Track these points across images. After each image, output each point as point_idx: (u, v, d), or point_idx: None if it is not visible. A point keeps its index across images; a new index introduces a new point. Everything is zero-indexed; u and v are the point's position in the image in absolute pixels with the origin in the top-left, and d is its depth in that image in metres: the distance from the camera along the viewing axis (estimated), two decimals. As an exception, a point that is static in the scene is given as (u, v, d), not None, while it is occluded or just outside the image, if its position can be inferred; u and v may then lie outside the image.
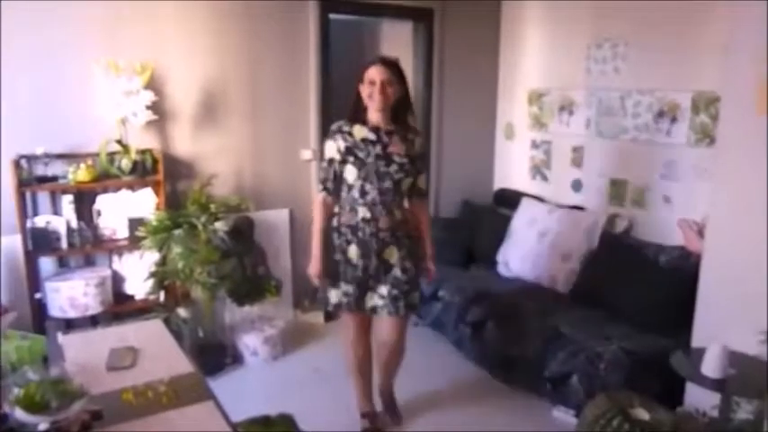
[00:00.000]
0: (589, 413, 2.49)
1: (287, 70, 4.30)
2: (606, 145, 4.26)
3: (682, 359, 2.70)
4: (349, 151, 2.81)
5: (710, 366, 2.49)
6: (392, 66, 2.81)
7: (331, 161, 2.85)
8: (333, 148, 2.84)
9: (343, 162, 2.82)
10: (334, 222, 2.91)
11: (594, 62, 4.29)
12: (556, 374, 3.29)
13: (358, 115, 2.86)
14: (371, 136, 2.82)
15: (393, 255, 2.89)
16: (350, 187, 2.84)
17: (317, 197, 2.95)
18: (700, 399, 2.87)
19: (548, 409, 3.38)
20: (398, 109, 2.87)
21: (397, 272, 2.90)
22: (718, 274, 2.92)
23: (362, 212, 2.82)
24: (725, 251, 2.89)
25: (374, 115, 2.83)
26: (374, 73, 2.76)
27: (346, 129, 2.84)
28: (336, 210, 2.92)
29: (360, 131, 2.83)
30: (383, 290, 2.90)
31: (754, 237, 2.73)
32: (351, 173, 2.82)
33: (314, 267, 2.92)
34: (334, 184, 2.88)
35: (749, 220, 2.76)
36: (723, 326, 2.83)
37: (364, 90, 2.79)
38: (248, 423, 2.46)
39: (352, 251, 2.86)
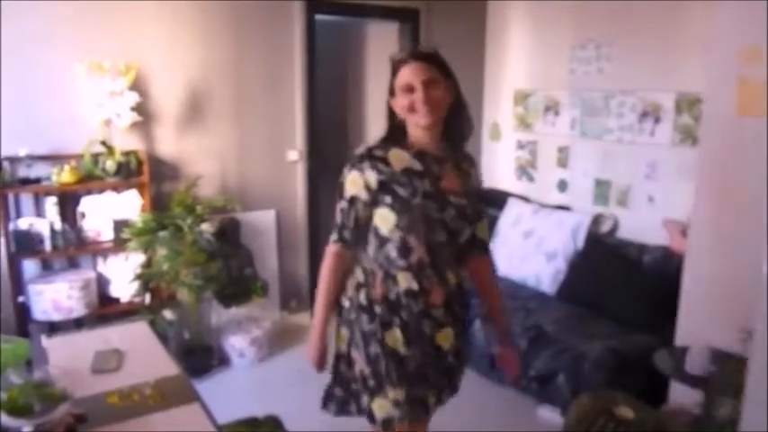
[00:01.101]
0: (574, 412, 2.51)
1: (272, 71, 4.30)
2: (591, 145, 4.29)
3: (665, 357, 2.74)
4: (384, 187, 1.86)
5: (693, 364, 2.53)
6: (432, 59, 1.93)
7: (353, 200, 1.89)
8: (359, 182, 1.88)
9: (374, 203, 1.88)
10: (361, 298, 1.95)
11: (578, 63, 4.32)
12: (541, 373, 3.31)
13: (395, 138, 1.96)
14: (417, 165, 1.89)
15: (448, 338, 2.03)
16: (382, 241, 1.91)
17: (330, 248, 1.98)
18: (683, 396, 2.90)
19: (533, 407, 3.40)
20: (449, 125, 1.99)
21: (450, 359, 2.06)
22: (700, 273, 2.95)
23: (405, 281, 1.91)
24: (707, 251, 2.92)
25: (419, 135, 1.92)
26: (409, 75, 1.87)
27: (379, 153, 1.88)
28: (360, 276, 1.97)
29: (400, 158, 1.88)
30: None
31: (736, 237, 2.77)
32: (386, 220, 1.88)
33: (312, 350, 2.06)
34: (356, 233, 1.94)
35: (731, 221, 2.79)
36: (706, 324, 2.86)
37: (399, 102, 1.90)
38: (235, 425, 2.46)
39: (395, 339, 1.92)
